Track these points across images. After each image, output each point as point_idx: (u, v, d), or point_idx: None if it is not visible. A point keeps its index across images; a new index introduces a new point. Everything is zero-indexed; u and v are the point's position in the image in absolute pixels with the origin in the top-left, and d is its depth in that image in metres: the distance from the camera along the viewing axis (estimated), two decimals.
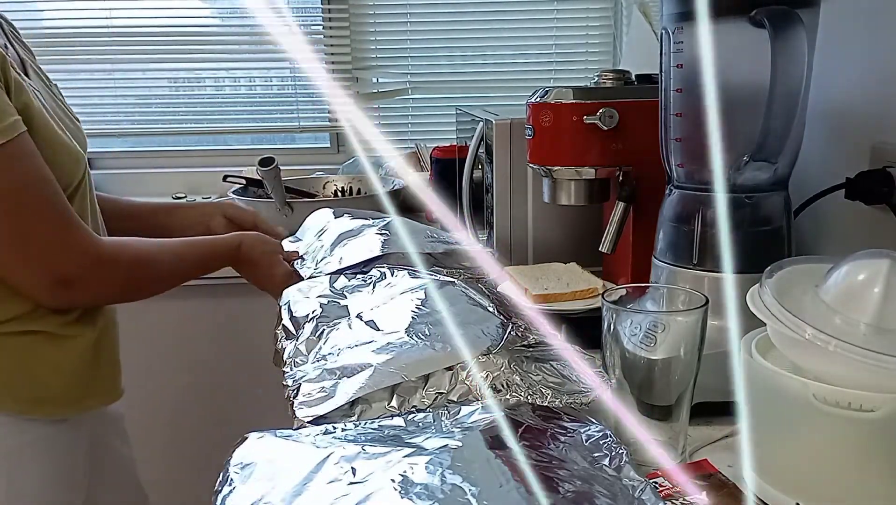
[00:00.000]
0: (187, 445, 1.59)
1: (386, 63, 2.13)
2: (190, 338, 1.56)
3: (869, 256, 0.55)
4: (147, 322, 1.55)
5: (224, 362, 1.57)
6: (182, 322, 1.55)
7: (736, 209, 0.74)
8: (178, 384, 1.58)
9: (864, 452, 0.53)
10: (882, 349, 0.50)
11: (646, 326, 0.62)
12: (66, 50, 2.08)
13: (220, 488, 0.51)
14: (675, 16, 0.75)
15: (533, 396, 0.65)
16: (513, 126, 1.13)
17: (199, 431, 1.59)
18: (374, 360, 0.68)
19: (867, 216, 0.84)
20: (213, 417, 1.59)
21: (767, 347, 0.60)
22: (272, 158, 1.56)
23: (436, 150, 1.57)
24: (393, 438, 0.56)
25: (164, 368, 1.57)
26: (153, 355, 1.56)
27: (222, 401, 1.58)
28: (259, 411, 1.53)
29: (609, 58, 2.13)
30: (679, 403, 0.63)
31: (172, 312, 1.54)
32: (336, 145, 2.20)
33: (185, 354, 1.57)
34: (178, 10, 2.09)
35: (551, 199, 0.99)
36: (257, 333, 1.53)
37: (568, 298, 0.95)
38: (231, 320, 1.56)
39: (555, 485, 0.48)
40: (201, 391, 1.58)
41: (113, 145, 2.18)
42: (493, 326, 0.73)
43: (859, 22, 0.87)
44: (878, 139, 0.84)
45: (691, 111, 0.76)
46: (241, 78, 2.19)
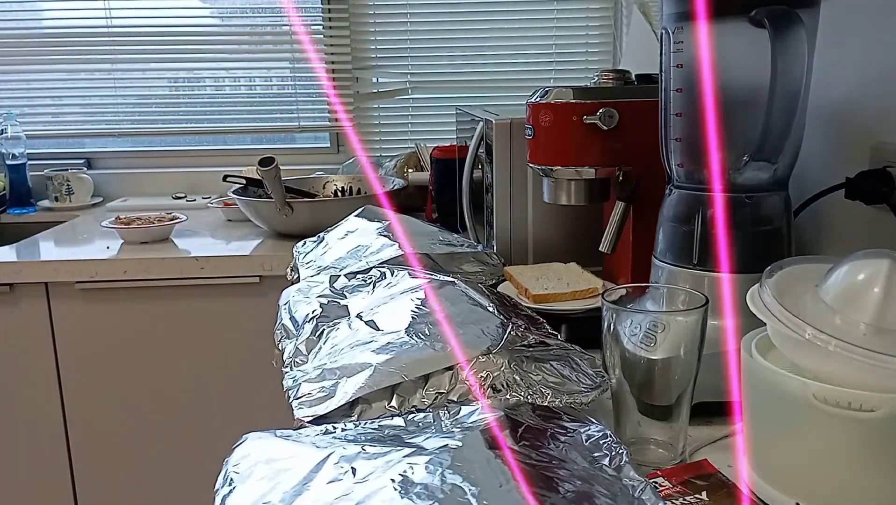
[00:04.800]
0: (187, 445, 1.59)
1: (386, 63, 2.13)
2: (190, 338, 1.56)
3: (869, 256, 0.55)
4: (147, 322, 1.55)
5: (224, 362, 1.57)
6: (182, 322, 1.55)
7: (736, 209, 0.74)
8: (177, 384, 1.58)
9: (864, 452, 0.53)
10: (882, 349, 0.50)
11: (646, 325, 0.62)
12: (66, 50, 2.08)
13: (220, 488, 0.51)
14: (675, 16, 0.75)
15: (533, 396, 0.65)
16: (513, 126, 1.13)
17: (199, 431, 1.59)
18: (374, 360, 0.68)
19: (867, 216, 0.84)
20: (213, 417, 1.59)
21: (767, 347, 0.60)
22: (272, 158, 1.56)
23: (436, 150, 1.57)
24: (393, 438, 0.56)
25: (163, 367, 1.57)
26: (153, 355, 1.56)
27: (222, 401, 1.58)
28: (259, 411, 1.53)
29: (609, 58, 2.13)
30: (679, 403, 0.63)
31: (172, 311, 1.55)
32: (336, 145, 2.20)
33: (185, 353, 1.57)
34: (177, 10, 2.09)
35: (551, 199, 0.99)
36: (257, 333, 1.53)
37: (568, 298, 0.95)
38: (231, 320, 1.55)
39: (555, 485, 0.48)
40: (201, 391, 1.58)
41: (113, 145, 2.18)
42: (493, 326, 0.73)
43: (859, 22, 0.87)
44: (878, 139, 0.84)
45: (691, 111, 0.76)
46: (241, 78, 2.19)
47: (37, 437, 1.58)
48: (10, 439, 1.58)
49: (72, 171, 2.02)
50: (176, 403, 1.59)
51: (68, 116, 2.15)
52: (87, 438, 1.59)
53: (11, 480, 1.60)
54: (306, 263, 1.08)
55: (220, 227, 1.78)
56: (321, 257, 1.07)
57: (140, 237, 1.61)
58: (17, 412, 1.57)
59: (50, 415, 1.57)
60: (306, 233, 1.30)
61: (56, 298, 1.53)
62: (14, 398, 1.56)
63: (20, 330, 1.53)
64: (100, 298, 1.53)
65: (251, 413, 1.56)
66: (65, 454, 1.59)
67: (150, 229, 1.62)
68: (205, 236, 1.69)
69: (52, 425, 1.58)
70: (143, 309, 1.55)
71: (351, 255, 1.04)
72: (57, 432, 1.58)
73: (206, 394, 1.58)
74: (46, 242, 1.68)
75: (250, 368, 1.56)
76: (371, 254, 1.01)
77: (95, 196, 2.07)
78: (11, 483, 1.61)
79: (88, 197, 2.04)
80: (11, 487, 1.61)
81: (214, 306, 1.55)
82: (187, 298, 1.54)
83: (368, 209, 1.22)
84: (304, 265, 1.07)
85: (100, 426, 1.59)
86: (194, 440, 1.59)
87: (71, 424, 1.58)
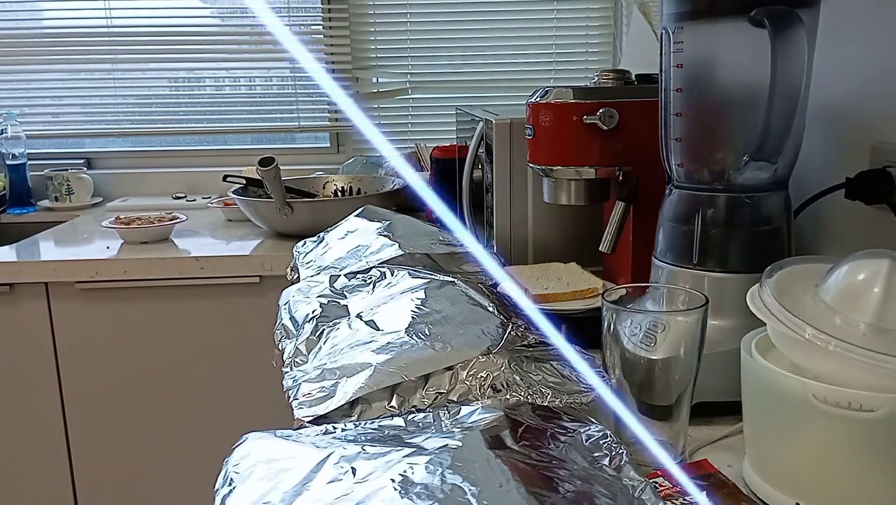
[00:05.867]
0: (187, 445, 1.59)
1: (386, 63, 2.13)
2: (190, 338, 1.56)
3: (869, 256, 0.55)
4: (147, 322, 1.55)
5: (224, 362, 1.57)
6: (182, 322, 1.55)
7: (736, 209, 0.74)
8: (177, 384, 1.58)
9: (864, 452, 0.53)
10: (882, 349, 0.50)
11: (646, 325, 0.62)
12: (66, 50, 2.08)
13: (220, 488, 0.51)
14: (675, 16, 0.75)
15: (533, 396, 0.65)
16: (513, 126, 1.13)
17: (199, 431, 1.59)
18: (374, 360, 0.68)
19: (867, 216, 0.84)
20: (213, 417, 1.59)
21: (767, 347, 0.60)
22: (272, 158, 1.56)
23: (436, 150, 1.57)
24: (393, 438, 0.56)
25: (163, 367, 1.57)
26: (153, 355, 1.56)
27: (222, 401, 1.58)
28: (259, 411, 1.53)
29: (609, 58, 2.13)
30: (679, 402, 0.63)
31: (172, 311, 1.54)
32: (336, 145, 2.20)
33: (185, 354, 1.57)
34: (177, 10, 2.09)
35: (551, 199, 0.99)
36: (257, 333, 1.53)
37: (568, 298, 0.95)
38: (231, 320, 1.55)
39: (555, 485, 0.48)
40: (201, 391, 1.58)
41: (113, 145, 2.18)
42: (493, 326, 0.73)
43: (859, 22, 0.87)
44: (878, 139, 0.84)
45: (691, 111, 0.76)
46: (241, 78, 2.19)
47: (37, 436, 1.58)
48: (10, 439, 1.58)
49: (72, 171, 2.02)
50: (176, 402, 1.59)
51: (68, 116, 2.15)
52: (87, 437, 1.59)
53: (11, 480, 1.60)
54: (306, 262, 1.08)
55: (220, 227, 1.78)
56: (321, 257, 1.07)
57: (140, 237, 1.61)
58: (17, 412, 1.57)
59: (50, 415, 1.57)
60: (306, 233, 1.30)
61: (56, 298, 1.53)
62: (14, 398, 1.56)
63: (20, 330, 1.53)
64: (100, 298, 1.53)
65: (251, 413, 1.56)
66: (65, 454, 1.59)
67: (150, 229, 1.62)
68: (205, 236, 1.69)
69: (52, 425, 1.58)
70: (143, 309, 1.55)
71: (351, 255, 1.04)
72: (57, 432, 1.58)
73: (206, 394, 1.58)
74: (46, 242, 1.68)
75: (250, 368, 1.56)
76: (371, 254, 1.01)
77: (95, 196, 2.07)
78: (11, 483, 1.61)
79: (88, 197, 2.04)
80: (11, 486, 1.61)
81: (214, 306, 1.55)
82: (187, 298, 1.54)
83: (368, 209, 1.22)
84: (304, 265, 1.07)
85: (100, 426, 1.59)
86: (194, 440, 1.59)
87: (71, 423, 1.58)
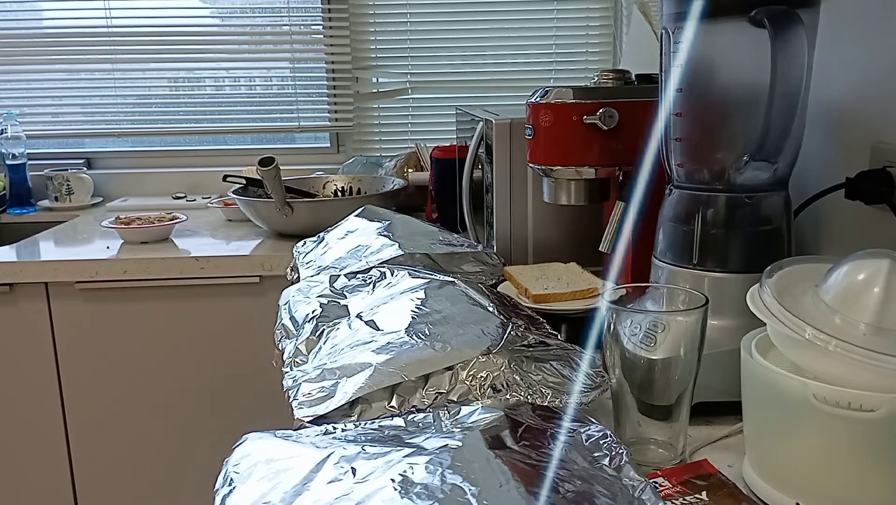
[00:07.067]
0: (187, 445, 1.59)
1: (386, 63, 2.13)
2: (190, 338, 1.56)
3: (869, 256, 0.55)
4: (147, 322, 1.55)
5: (224, 362, 1.57)
6: (182, 322, 1.55)
7: (736, 209, 0.74)
8: (178, 384, 1.58)
9: (864, 452, 0.53)
10: (882, 349, 0.50)
11: (646, 325, 0.62)
12: (66, 50, 2.08)
13: (220, 488, 0.51)
14: (675, 16, 0.75)
15: (533, 396, 0.65)
16: (513, 126, 1.13)
17: (199, 431, 1.59)
18: (374, 360, 0.68)
19: (867, 216, 0.84)
20: (213, 417, 1.59)
21: (767, 347, 0.60)
22: (272, 158, 1.56)
23: (436, 150, 1.57)
24: (393, 438, 0.56)
25: (163, 367, 1.57)
26: (153, 355, 1.56)
27: (222, 401, 1.58)
28: (259, 411, 1.54)
29: (609, 58, 2.13)
30: (679, 402, 0.63)
31: (172, 311, 1.54)
32: (336, 145, 2.20)
33: (185, 354, 1.57)
34: (177, 10, 2.09)
35: (551, 199, 0.99)
36: (257, 333, 1.53)
37: (568, 298, 0.95)
38: (231, 320, 1.55)
39: (555, 485, 0.48)
40: (201, 391, 1.58)
41: (113, 145, 2.18)
42: (493, 326, 0.73)
43: (859, 22, 0.87)
44: (878, 139, 0.84)
45: (691, 111, 0.76)
46: (241, 78, 2.19)
47: (37, 436, 1.58)
48: (10, 439, 1.58)
49: (72, 171, 2.02)
50: (176, 402, 1.59)
51: (68, 116, 2.15)
52: (87, 437, 1.59)
53: (11, 480, 1.60)
54: (306, 262, 1.08)
55: (220, 227, 1.78)
56: (321, 257, 1.08)
57: (140, 237, 1.61)
58: (17, 412, 1.57)
59: (50, 415, 1.57)
60: (306, 233, 1.30)
61: (56, 298, 1.53)
62: (14, 398, 1.56)
63: (20, 330, 1.53)
64: (100, 297, 1.53)
65: (251, 413, 1.56)
66: (65, 454, 1.59)
67: (150, 229, 1.62)
68: (205, 236, 1.69)
69: (52, 425, 1.58)
70: (143, 309, 1.55)
71: (351, 255, 1.04)
72: (57, 432, 1.58)
73: (206, 394, 1.58)
74: (46, 242, 1.68)
75: (250, 368, 1.56)
76: (371, 254, 1.01)
77: (95, 196, 2.07)
78: (11, 483, 1.61)
79: (88, 197, 2.04)
80: (11, 487, 1.61)
81: (214, 306, 1.55)
82: (187, 298, 1.54)
83: (368, 209, 1.22)
84: (304, 265, 1.07)
85: (100, 426, 1.59)
86: (194, 440, 1.59)
87: (71, 423, 1.58)
